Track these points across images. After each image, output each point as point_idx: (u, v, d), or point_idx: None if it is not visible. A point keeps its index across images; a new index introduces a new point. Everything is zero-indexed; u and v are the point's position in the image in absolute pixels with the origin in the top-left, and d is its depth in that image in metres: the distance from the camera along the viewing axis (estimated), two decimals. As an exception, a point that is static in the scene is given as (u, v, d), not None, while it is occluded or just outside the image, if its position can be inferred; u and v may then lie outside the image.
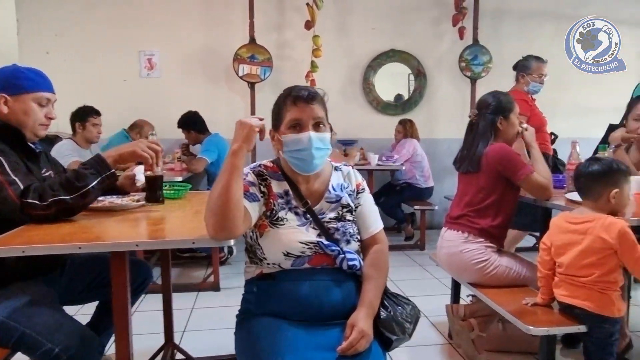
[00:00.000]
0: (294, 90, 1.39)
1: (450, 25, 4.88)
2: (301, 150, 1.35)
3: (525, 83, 3.35)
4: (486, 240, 2.11)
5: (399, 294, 1.53)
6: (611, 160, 1.66)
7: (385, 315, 1.37)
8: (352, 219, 1.46)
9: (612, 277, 1.61)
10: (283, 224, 1.36)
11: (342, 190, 1.48)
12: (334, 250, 1.36)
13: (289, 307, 1.33)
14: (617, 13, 5.15)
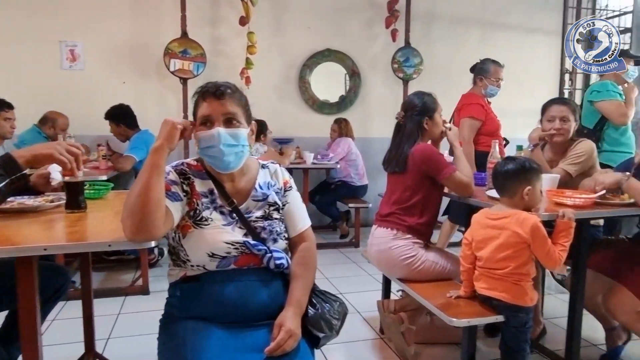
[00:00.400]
0: (205, 86, 1.35)
1: (384, 27, 5.00)
2: (211, 147, 1.30)
3: (483, 86, 3.37)
4: (414, 236, 2.19)
5: (328, 291, 1.53)
6: (524, 160, 1.77)
7: (313, 312, 1.36)
8: (280, 217, 1.44)
9: (524, 269, 1.72)
10: (207, 224, 1.31)
11: (269, 188, 1.46)
12: (260, 249, 1.34)
13: (214, 309, 1.29)
14: (535, 22, 5.54)
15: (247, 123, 1.39)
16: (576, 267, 1.94)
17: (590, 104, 3.12)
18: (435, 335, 2.44)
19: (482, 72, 3.36)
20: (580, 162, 2.35)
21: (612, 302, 1.95)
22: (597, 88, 3.13)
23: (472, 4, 5.47)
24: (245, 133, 1.35)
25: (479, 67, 3.41)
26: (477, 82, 3.39)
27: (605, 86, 3.09)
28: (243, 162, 1.38)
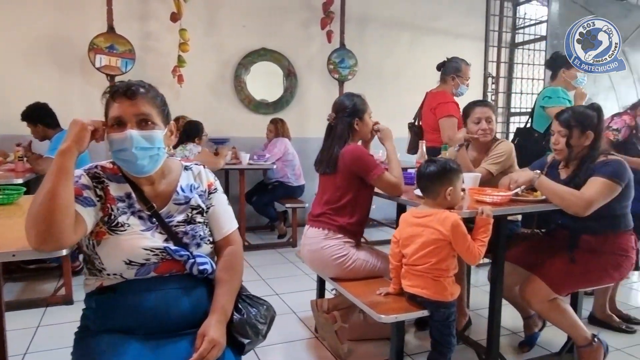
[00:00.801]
0: (115, 86, 1.28)
1: (319, 28, 5.04)
2: (123, 151, 1.23)
3: (455, 85, 3.33)
4: (345, 236, 2.22)
5: (257, 295, 1.50)
6: (445, 161, 1.85)
7: (238, 318, 1.33)
8: (204, 221, 1.40)
9: (444, 265, 1.79)
10: (124, 230, 1.25)
11: (192, 190, 1.40)
12: (182, 255, 1.29)
13: (132, 321, 1.23)
14: (462, 28, 5.81)
15: (164, 123, 1.32)
16: (495, 261, 2.05)
17: (542, 109, 3.16)
18: (368, 331, 2.50)
19: (456, 71, 3.33)
20: (501, 162, 2.49)
21: (527, 291, 2.08)
22: (548, 94, 3.17)
23: (403, 8, 5.64)
24: (160, 135, 1.28)
25: (452, 65, 3.37)
26: (448, 81, 3.35)
27: (557, 92, 3.14)
28: (159, 166, 1.32)
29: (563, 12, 4.28)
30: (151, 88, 1.31)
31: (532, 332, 2.43)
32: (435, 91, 3.44)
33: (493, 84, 4.61)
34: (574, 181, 2.07)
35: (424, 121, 3.44)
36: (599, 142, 2.10)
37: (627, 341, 2.54)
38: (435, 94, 3.42)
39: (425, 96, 3.55)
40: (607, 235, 2.08)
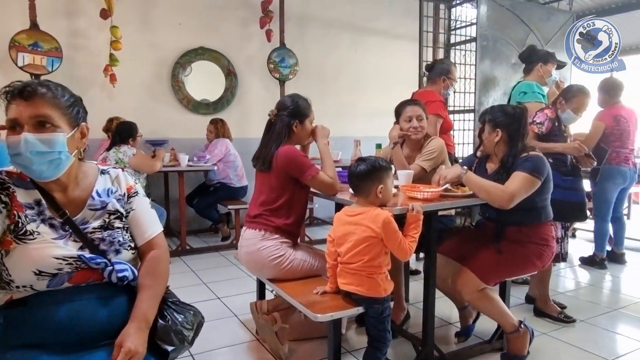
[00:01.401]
0: (10, 85, 1.20)
1: (259, 27, 4.99)
2: (17, 155, 1.16)
3: (444, 86, 3.38)
4: (282, 236, 2.21)
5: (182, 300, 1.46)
6: (375, 160, 1.87)
7: (162, 325, 1.29)
8: (123, 226, 1.34)
9: (377, 262, 1.82)
10: (33, 239, 1.17)
11: (109, 195, 1.34)
12: (99, 263, 1.23)
13: (44, 335, 1.15)
14: (399, 29, 5.96)
15: (71, 126, 1.24)
16: (427, 254, 2.11)
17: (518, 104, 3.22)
18: (309, 330, 2.50)
19: (447, 72, 3.39)
20: (433, 158, 2.58)
21: (459, 283, 2.17)
22: (524, 89, 3.22)
23: (342, 8, 5.71)
24: (63, 138, 1.20)
25: (443, 67, 3.42)
26: (438, 82, 3.38)
27: (532, 87, 3.19)
28: (63, 171, 1.24)
29: (491, 14, 4.48)
30: (56, 88, 1.23)
31: (467, 324, 2.53)
32: (422, 91, 3.50)
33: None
34: (499, 175, 2.17)
35: None
36: (517, 142, 2.19)
37: (551, 325, 2.70)
38: (423, 92, 3.48)
39: (412, 96, 3.56)
40: (530, 226, 2.21)
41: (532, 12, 4.81)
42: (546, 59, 3.28)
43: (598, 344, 2.48)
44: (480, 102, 4.47)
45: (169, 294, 1.42)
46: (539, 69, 3.28)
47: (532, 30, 4.72)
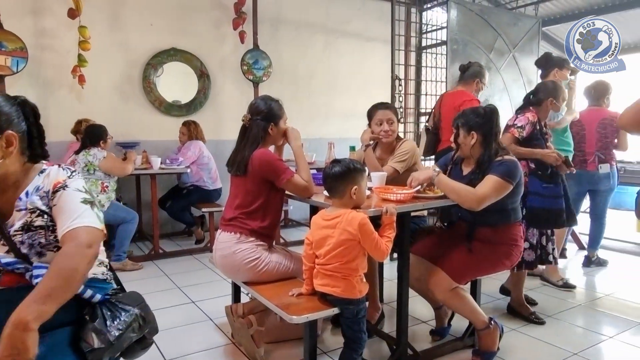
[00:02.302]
0: None
1: (232, 29, 4.96)
2: None
3: (476, 89, 3.46)
4: (257, 239, 2.21)
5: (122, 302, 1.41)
6: (349, 162, 1.89)
7: (89, 324, 1.28)
8: (46, 224, 1.27)
9: (353, 264, 1.84)
10: None
11: (34, 193, 1.30)
12: (19, 268, 1.22)
13: None
14: (372, 32, 6.03)
15: None
16: (400, 255, 2.15)
17: None
18: (285, 333, 2.51)
19: (481, 76, 3.47)
20: (405, 160, 2.62)
21: (431, 282, 2.21)
22: None
23: (316, 11, 5.73)
24: None
25: (478, 70, 3.49)
26: (471, 83, 3.46)
27: None
28: None
29: (461, 19, 4.59)
30: None
31: (443, 324, 2.58)
32: (455, 91, 3.54)
33: (400, 85, 4.82)
34: (474, 176, 2.21)
35: (445, 121, 3.43)
36: (491, 142, 2.23)
37: (520, 322, 2.79)
38: (456, 93, 3.51)
39: (442, 97, 3.61)
40: (500, 227, 2.26)
41: (500, 17, 4.95)
42: (562, 65, 3.36)
43: (565, 338, 2.57)
44: (451, 105, 4.55)
45: (113, 293, 1.40)
46: (555, 74, 3.37)
47: (500, 34, 4.86)
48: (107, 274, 1.46)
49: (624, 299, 3.18)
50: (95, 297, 1.34)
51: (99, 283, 1.40)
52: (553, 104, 2.87)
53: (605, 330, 2.68)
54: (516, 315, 2.85)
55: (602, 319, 2.87)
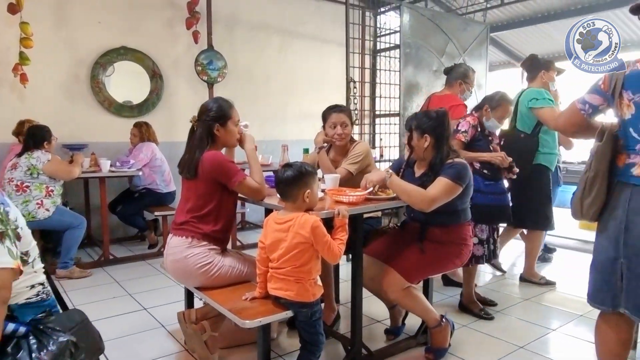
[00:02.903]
0: None
1: (185, 28, 4.86)
2: None
3: (461, 90, 3.46)
4: (210, 243, 2.17)
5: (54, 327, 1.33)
6: (300, 165, 1.89)
7: None
8: None
9: (306, 268, 1.84)
10: None
11: None
12: None
13: None
14: (328, 34, 6.06)
15: None
16: (354, 256, 2.17)
17: (529, 110, 3.23)
18: (240, 337, 2.48)
19: (465, 77, 3.47)
20: (359, 162, 2.65)
21: (384, 282, 2.24)
22: (535, 95, 3.22)
23: (271, 11, 5.70)
24: None
25: (461, 71, 3.50)
26: (455, 85, 3.47)
27: (542, 94, 3.22)
28: None
29: (413, 23, 4.69)
30: None
31: (397, 323, 2.62)
32: (441, 94, 3.56)
33: (355, 88, 4.88)
34: (427, 177, 2.26)
35: None
36: (443, 144, 2.28)
37: (470, 318, 2.88)
38: (443, 96, 3.52)
39: (430, 98, 3.61)
40: (450, 227, 2.32)
41: (451, 22, 5.10)
42: (548, 67, 3.41)
43: (512, 333, 2.68)
44: (405, 107, 4.66)
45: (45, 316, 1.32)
46: (542, 75, 3.39)
47: (451, 39, 5.00)
48: (44, 292, 1.37)
49: (567, 293, 3.34)
50: (19, 331, 1.26)
51: (31, 307, 1.32)
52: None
53: (549, 324, 2.81)
54: (467, 312, 2.94)
55: (547, 312, 3.01)
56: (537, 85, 3.38)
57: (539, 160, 3.29)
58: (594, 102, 1.70)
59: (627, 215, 1.59)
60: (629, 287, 1.60)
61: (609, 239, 1.66)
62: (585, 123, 1.72)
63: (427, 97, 3.74)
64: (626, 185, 1.61)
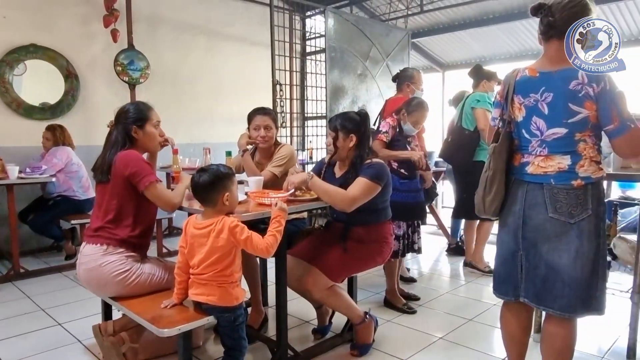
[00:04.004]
0: None
1: (102, 26, 4.62)
2: None
3: (410, 91, 3.56)
4: (127, 250, 2.09)
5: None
6: (216, 168, 1.85)
7: None
8: None
9: (228, 271, 1.81)
10: None
11: None
12: None
13: None
14: (255, 36, 6.02)
15: None
16: (278, 257, 2.17)
17: (472, 110, 3.63)
18: (163, 347, 2.39)
19: (409, 78, 3.62)
20: (283, 164, 2.66)
21: (308, 283, 2.27)
22: (478, 97, 3.63)
23: (197, 11, 5.57)
24: None
25: (406, 74, 3.66)
26: (404, 88, 3.62)
27: (484, 97, 3.60)
28: None
29: (338, 28, 4.80)
30: None
31: (324, 322, 2.65)
32: (395, 98, 3.69)
33: (281, 91, 4.89)
34: (345, 179, 2.32)
35: None
36: (365, 144, 2.37)
37: (394, 313, 2.99)
38: (396, 99, 3.63)
39: (386, 103, 3.75)
40: (371, 225, 2.40)
41: (374, 28, 5.27)
42: (490, 77, 3.75)
43: (432, 325, 2.81)
44: (332, 110, 4.75)
45: None
46: (483, 84, 3.74)
47: (374, 44, 5.17)
48: None
49: (483, 284, 3.56)
50: None
51: None
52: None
53: (466, 314, 2.98)
54: (391, 307, 3.05)
55: (464, 303, 3.19)
56: (483, 89, 3.74)
57: (479, 157, 3.63)
58: (498, 115, 1.84)
59: (524, 210, 1.73)
60: (527, 277, 1.74)
61: (509, 234, 1.79)
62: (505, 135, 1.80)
63: (385, 102, 3.91)
64: (522, 182, 1.75)
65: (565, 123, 1.64)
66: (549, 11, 1.67)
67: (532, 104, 1.70)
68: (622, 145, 1.63)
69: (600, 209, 1.66)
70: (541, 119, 1.68)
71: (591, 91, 1.58)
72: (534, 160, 1.72)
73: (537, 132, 1.70)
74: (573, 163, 1.65)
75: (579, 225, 1.63)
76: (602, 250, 1.66)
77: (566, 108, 1.63)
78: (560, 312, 1.67)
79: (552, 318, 1.74)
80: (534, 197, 1.71)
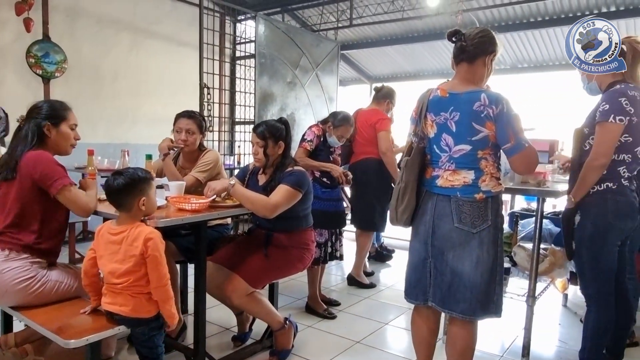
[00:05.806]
0: None
1: (14, 14, 4.29)
2: None
3: (387, 109, 3.81)
4: (32, 256, 1.95)
5: None
6: (133, 172, 1.79)
7: None
8: None
9: (144, 281, 1.74)
10: None
11: None
12: None
13: None
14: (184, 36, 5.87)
15: None
16: (197, 264, 2.14)
17: None
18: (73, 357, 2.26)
19: (391, 97, 3.85)
20: (208, 170, 2.64)
21: (228, 289, 2.26)
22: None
23: (121, 5, 5.32)
24: None
25: (389, 92, 3.85)
26: (382, 103, 3.81)
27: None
28: None
29: (268, 34, 4.82)
30: None
31: (244, 329, 2.65)
32: (368, 109, 3.80)
33: (209, 94, 4.82)
34: (269, 186, 2.36)
35: (360, 135, 3.68)
36: (289, 151, 2.45)
37: (315, 318, 3.05)
38: (369, 111, 3.76)
39: (357, 114, 3.74)
40: (293, 232, 2.44)
41: (304, 37, 5.35)
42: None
43: (351, 329, 2.90)
44: (260, 116, 4.75)
45: None
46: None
47: (304, 53, 5.25)
48: None
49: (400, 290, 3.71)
50: None
51: None
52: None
53: (384, 318, 3.11)
54: (312, 313, 3.11)
55: (382, 308, 3.32)
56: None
57: None
58: (413, 130, 1.97)
59: (433, 220, 1.86)
60: (435, 283, 1.87)
61: (420, 242, 1.92)
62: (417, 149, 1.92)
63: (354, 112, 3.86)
64: (432, 194, 1.88)
65: (470, 140, 1.79)
66: (462, 37, 1.84)
67: (443, 122, 1.84)
68: (518, 163, 1.80)
69: (498, 220, 1.83)
70: (450, 136, 1.83)
71: (491, 112, 1.75)
72: (443, 174, 1.86)
73: (446, 148, 1.84)
74: (476, 178, 1.80)
75: (480, 235, 1.78)
76: (499, 259, 1.83)
77: (470, 127, 1.78)
78: (462, 315, 1.81)
79: (455, 320, 1.88)
80: (442, 208, 1.84)
